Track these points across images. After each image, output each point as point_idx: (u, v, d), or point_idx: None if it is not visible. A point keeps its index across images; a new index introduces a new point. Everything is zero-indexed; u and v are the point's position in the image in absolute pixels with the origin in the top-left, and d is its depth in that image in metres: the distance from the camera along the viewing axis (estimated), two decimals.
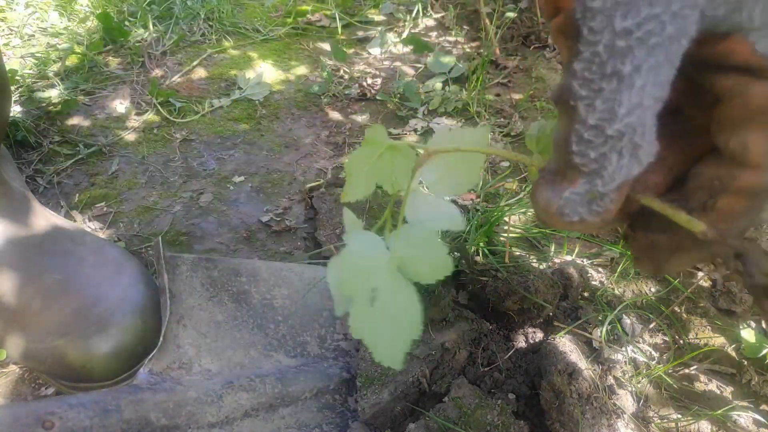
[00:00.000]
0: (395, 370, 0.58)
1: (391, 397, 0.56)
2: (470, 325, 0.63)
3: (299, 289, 0.66)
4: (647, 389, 0.61)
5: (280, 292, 0.65)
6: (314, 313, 0.66)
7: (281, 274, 0.67)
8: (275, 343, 0.61)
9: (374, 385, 0.57)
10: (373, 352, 0.26)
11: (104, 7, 1.33)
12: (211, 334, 0.58)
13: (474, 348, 0.62)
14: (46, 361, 0.55)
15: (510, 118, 1.07)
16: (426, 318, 0.63)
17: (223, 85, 1.15)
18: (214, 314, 0.60)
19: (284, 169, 0.93)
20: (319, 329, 0.65)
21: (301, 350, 0.62)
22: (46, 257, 0.60)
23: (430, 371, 0.59)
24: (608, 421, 0.55)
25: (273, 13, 1.46)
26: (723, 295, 0.72)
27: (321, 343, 0.64)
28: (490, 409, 0.54)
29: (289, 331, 0.63)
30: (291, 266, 0.69)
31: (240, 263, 0.65)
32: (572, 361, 0.59)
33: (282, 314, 0.64)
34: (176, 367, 0.53)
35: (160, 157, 0.94)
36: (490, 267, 0.67)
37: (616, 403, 0.59)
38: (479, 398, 0.55)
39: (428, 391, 0.58)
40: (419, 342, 0.61)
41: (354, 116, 1.09)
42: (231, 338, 0.59)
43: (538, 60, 1.26)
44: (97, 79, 1.12)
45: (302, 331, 0.64)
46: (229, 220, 0.82)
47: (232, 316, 0.61)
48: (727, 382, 0.62)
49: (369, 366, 0.59)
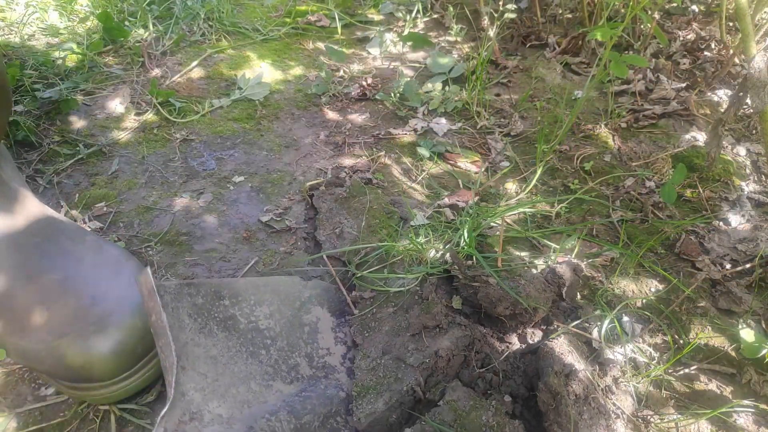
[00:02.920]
0: (390, 379, 0.58)
1: (386, 406, 0.55)
2: (463, 331, 0.62)
3: (278, 307, 0.65)
4: (647, 389, 0.61)
5: (262, 311, 0.63)
6: (297, 330, 0.64)
7: (259, 292, 0.64)
8: (270, 371, 0.59)
9: (369, 395, 0.57)
10: None
11: (104, 7, 1.33)
12: (210, 373, 0.54)
13: (468, 352, 0.62)
14: (46, 361, 0.55)
15: (510, 118, 1.07)
16: (419, 325, 0.62)
17: (222, 85, 1.15)
18: (208, 348, 0.55)
19: (284, 169, 0.93)
20: (304, 347, 0.63)
21: (294, 374, 0.60)
22: (46, 257, 0.60)
23: (424, 379, 0.58)
24: (607, 422, 0.55)
25: (273, 13, 1.46)
26: (723, 295, 0.72)
27: (310, 362, 0.62)
28: (485, 410, 0.54)
29: (280, 355, 0.61)
30: (267, 281, 0.66)
31: (220, 284, 0.61)
32: (570, 362, 0.59)
33: (269, 336, 0.62)
34: (188, 420, 0.49)
35: (160, 157, 0.94)
36: (482, 273, 0.67)
37: (616, 403, 0.59)
38: (474, 400, 0.55)
39: (423, 399, 0.58)
40: (413, 350, 0.60)
41: (354, 116, 1.09)
42: (230, 374, 0.55)
43: (538, 60, 1.26)
44: (97, 79, 1.12)
45: (291, 353, 0.62)
46: (229, 220, 0.82)
47: (225, 348, 0.57)
48: (727, 382, 0.62)
49: (364, 375, 0.59)
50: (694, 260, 0.77)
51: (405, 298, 0.67)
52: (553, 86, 1.18)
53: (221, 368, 0.55)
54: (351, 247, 0.75)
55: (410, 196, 0.87)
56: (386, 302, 0.67)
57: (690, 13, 1.36)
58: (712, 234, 0.82)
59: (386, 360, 0.60)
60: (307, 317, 0.66)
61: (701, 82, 1.15)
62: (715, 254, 0.79)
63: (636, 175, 0.93)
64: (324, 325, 0.66)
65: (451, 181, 0.92)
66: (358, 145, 1.00)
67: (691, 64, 1.22)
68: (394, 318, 0.65)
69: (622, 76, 0.84)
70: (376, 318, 0.65)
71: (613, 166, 0.96)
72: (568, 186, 0.91)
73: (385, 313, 0.66)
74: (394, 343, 0.62)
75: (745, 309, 0.70)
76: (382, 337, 0.63)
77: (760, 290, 0.72)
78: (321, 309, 0.68)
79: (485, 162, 0.97)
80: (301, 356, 0.62)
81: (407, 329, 0.63)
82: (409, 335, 0.62)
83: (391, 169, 0.94)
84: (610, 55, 0.78)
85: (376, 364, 0.60)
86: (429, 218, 0.81)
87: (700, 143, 0.98)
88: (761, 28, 1.06)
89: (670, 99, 1.11)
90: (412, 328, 0.63)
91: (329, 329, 0.66)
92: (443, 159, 0.97)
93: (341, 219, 0.80)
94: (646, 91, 1.15)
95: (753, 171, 0.95)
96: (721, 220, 0.84)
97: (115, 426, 0.57)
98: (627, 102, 1.13)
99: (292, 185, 0.90)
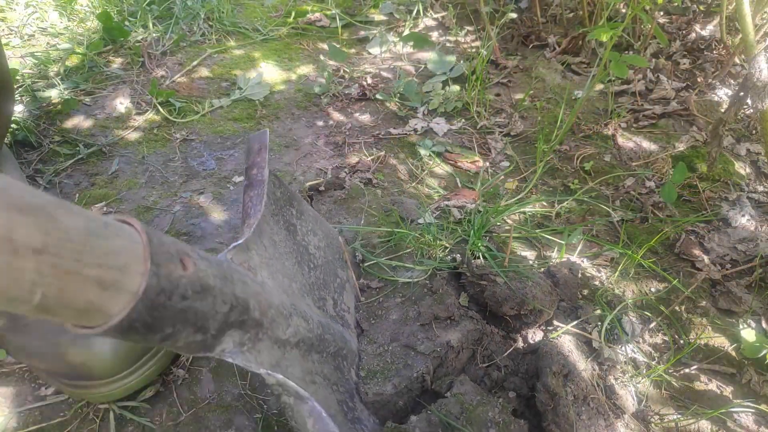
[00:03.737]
0: (399, 365, 0.58)
1: (395, 390, 0.56)
2: (475, 325, 0.63)
3: (325, 245, 0.67)
4: (647, 389, 0.61)
5: (313, 240, 0.65)
6: (331, 274, 0.66)
7: (316, 224, 0.67)
8: (307, 287, 0.60)
9: (377, 378, 0.57)
10: None
11: (104, 7, 1.33)
12: (270, 251, 0.55)
13: (476, 347, 0.63)
14: (46, 359, 0.55)
15: (510, 118, 1.07)
16: (430, 315, 0.63)
17: (223, 85, 1.15)
18: (274, 232, 0.57)
19: (284, 169, 0.93)
20: (333, 292, 0.65)
21: (322, 304, 0.62)
22: None
23: (434, 368, 0.59)
24: (606, 422, 0.55)
25: (273, 13, 1.46)
26: (723, 295, 0.72)
27: (334, 306, 0.64)
28: (492, 406, 0.54)
29: (316, 282, 0.63)
30: (323, 221, 0.69)
31: (294, 194, 0.64)
32: (569, 362, 0.59)
33: (313, 262, 0.64)
34: (247, 267, 0.50)
35: (160, 157, 0.94)
36: (489, 271, 0.67)
37: (616, 403, 0.59)
38: (481, 395, 0.56)
39: (430, 389, 0.59)
40: (424, 338, 0.61)
41: (354, 116, 1.09)
42: (281, 263, 0.56)
43: (538, 60, 1.26)
44: (97, 79, 1.12)
45: (324, 287, 0.64)
46: (229, 220, 0.82)
47: (283, 242, 0.58)
48: (727, 382, 0.62)
49: (371, 359, 0.60)
50: (694, 260, 0.77)
51: (413, 290, 0.68)
52: (553, 86, 1.18)
53: (277, 254, 0.56)
54: (368, 227, 0.75)
55: (411, 195, 0.87)
56: (394, 292, 0.68)
57: (690, 13, 1.35)
58: (712, 234, 0.82)
59: (394, 347, 0.61)
60: (341, 273, 0.68)
61: (701, 82, 1.15)
62: (715, 254, 0.79)
63: (636, 175, 0.93)
64: (349, 287, 0.68)
65: (451, 181, 0.92)
66: (358, 145, 1.00)
67: (691, 64, 1.22)
68: (402, 308, 0.66)
69: (622, 76, 0.83)
70: (383, 306, 0.66)
71: (613, 166, 0.96)
72: (568, 186, 0.91)
73: (392, 303, 0.67)
74: (402, 331, 0.63)
75: (745, 309, 0.70)
76: (389, 325, 0.64)
77: (760, 290, 0.72)
78: (349, 273, 0.70)
79: (485, 162, 0.97)
80: (330, 296, 0.64)
81: (416, 319, 0.64)
82: (418, 325, 0.63)
83: (391, 168, 0.94)
84: (610, 55, 0.78)
85: (383, 350, 0.61)
86: (437, 218, 0.81)
87: (700, 143, 0.98)
88: (761, 28, 1.06)
89: (670, 99, 1.11)
90: (422, 317, 0.64)
91: (352, 295, 0.68)
92: (443, 159, 0.97)
93: (340, 219, 0.81)
94: (646, 91, 1.15)
95: (753, 171, 0.95)
96: (721, 220, 0.84)
97: (114, 424, 0.57)
98: (627, 102, 1.13)
99: (292, 185, 0.90)
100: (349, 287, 0.68)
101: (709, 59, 1.22)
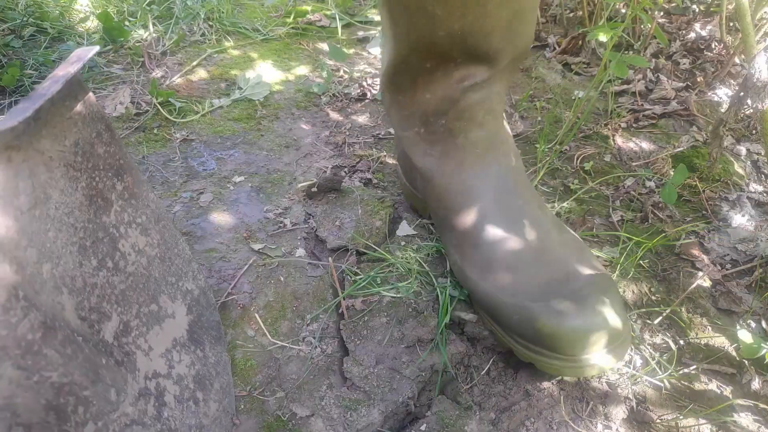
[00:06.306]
0: (385, 389, 0.58)
1: (382, 416, 0.55)
2: (457, 348, 0.62)
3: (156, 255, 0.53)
4: (647, 389, 0.61)
5: (135, 238, 0.51)
6: (145, 296, 0.51)
7: (155, 224, 0.53)
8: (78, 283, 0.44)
9: (361, 405, 0.56)
10: None
11: (104, 7, 1.33)
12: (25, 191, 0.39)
13: (458, 368, 0.62)
14: (513, 318, 0.57)
15: (510, 118, 1.07)
16: (413, 338, 0.62)
17: (223, 85, 1.15)
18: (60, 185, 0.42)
19: (284, 169, 0.93)
20: (132, 317, 0.50)
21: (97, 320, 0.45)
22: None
23: (418, 392, 0.58)
24: (603, 423, 0.55)
25: (273, 13, 1.46)
26: (723, 295, 0.72)
27: (123, 333, 0.48)
28: (469, 419, 0.55)
29: (107, 288, 0.48)
30: (170, 228, 0.56)
31: (134, 168, 0.52)
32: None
33: (117, 264, 0.49)
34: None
35: (160, 157, 0.94)
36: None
37: (615, 403, 0.59)
38: (459, 410, 0.56)
39: (412, 412, 0.58)
40: (408, 362, 0.60)
41: (354, 116, 1.09)
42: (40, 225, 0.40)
43: (538, 60, 1.26)
44: (97, 79, 1.12)
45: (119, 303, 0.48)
46: (229, 220, 0.82)
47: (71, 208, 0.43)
48: (727, 382, 0.62)
49: (358, 382, 0.58)
50: (694, 260, 0.77)
51: (398, 309, 0.66)
52: (553, 86, 1.18)
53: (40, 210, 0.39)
54: (352, 241, 0.75)
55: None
56: (378, 312, 0.66)
57: (690, 12, 1.36)
58: (712, 234, 0.82)
59: (379, 369, 0.60)
60: (171, 306, 0.53)
61: (701, 82, 1.15)
62: (715, 254, 0.79)
63: (636, 175, 0.93)
64: (183, 336, 0.53)
65: None
66: (358, 144, 1.00)
67: (691, 64, 1.22)
68: (387, 328, 0.64)
69: (623, 76, 0.84)
70: (368, 326, 0.65)
71: (613, 166, 0.96)
72: (568, 186, 0.91)
73: (377, 323, 0.65)
74: (387, 353, 0.61)
75: (745, 309, 0.70)
76: (374, 346, 0.62)
77: (760, 290, 0.72)
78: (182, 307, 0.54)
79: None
80: (121, 318, 0.47)
81: (401, 341, 0.62)
82: (403, 347, 0.62)
83: (392, 169, 0.94)
84: (610, 55, 0.78)
85: (369, 373, 0.59)
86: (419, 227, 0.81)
87: (700, 143, 0.98)
88: (761, 28, 1.06)
89: (670, 99, 1.11)
90: (406, 339, 0.62)
91: (181, 348, 0.53)
92: None
93: (338, 214, 0.81)
94: (646, 91, 1.15)
95: (753, 171, 0.95)
96: (721, 220, 0.84)
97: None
98: (627, 102, 1.13)
99: (292, 185, 0.90)
100: (184, 337, 0.52)
101: (709, 59, 1.22)
